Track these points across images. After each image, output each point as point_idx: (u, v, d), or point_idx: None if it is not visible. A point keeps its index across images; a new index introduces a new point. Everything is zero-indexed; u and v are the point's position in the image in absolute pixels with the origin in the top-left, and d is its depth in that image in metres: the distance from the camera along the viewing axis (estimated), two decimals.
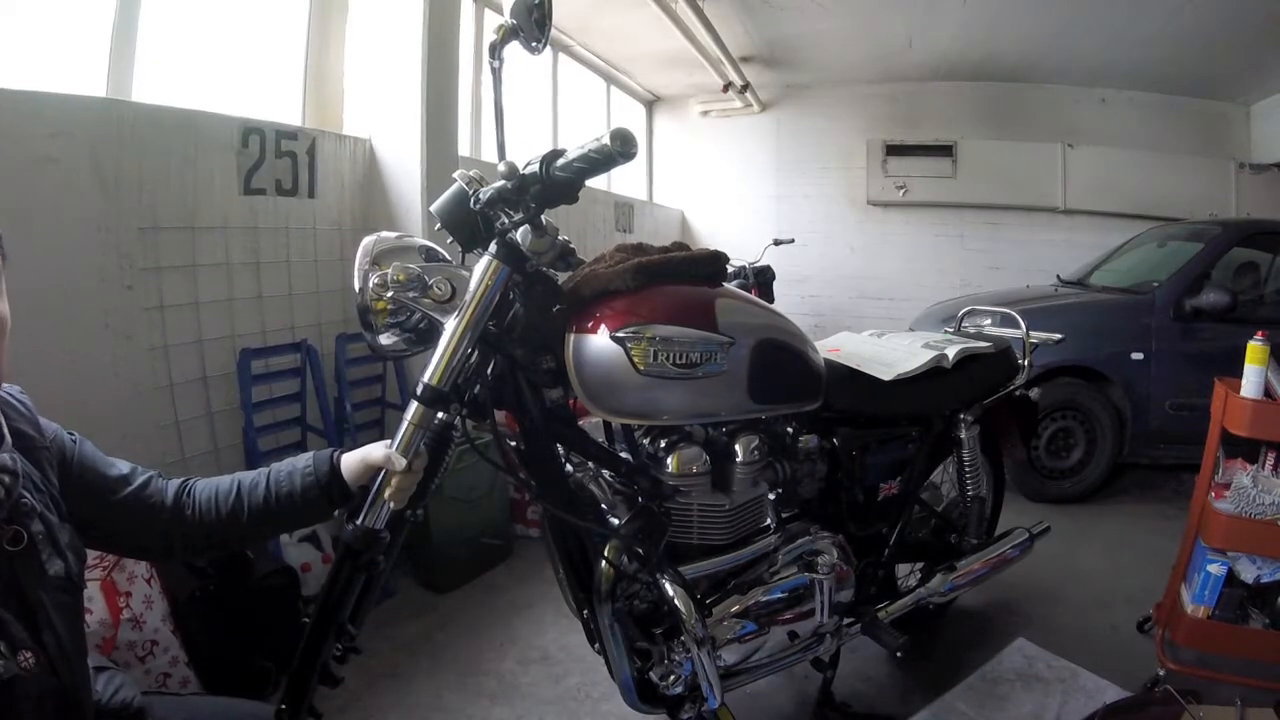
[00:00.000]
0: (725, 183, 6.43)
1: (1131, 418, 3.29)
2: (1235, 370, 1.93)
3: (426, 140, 2.76)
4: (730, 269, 3.59)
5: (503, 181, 1.10)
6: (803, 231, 5.64)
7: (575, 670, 2.04)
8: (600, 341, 1.24)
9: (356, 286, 1.17)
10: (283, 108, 2.74)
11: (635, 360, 1.23)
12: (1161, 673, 1.92)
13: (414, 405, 1.08)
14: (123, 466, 0.97)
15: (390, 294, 1.14)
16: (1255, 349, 1.80)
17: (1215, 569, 1.88)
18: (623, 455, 1.40)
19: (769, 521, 1.55)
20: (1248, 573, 1.86)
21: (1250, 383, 1.81)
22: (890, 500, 1.79)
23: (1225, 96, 5.11)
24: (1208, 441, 1.97)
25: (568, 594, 1.50)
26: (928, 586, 1.86)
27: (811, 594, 1.54)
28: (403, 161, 2.80)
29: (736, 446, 1.43)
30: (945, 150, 5.56)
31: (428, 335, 1.20)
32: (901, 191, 5.65)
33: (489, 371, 1.22)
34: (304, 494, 1.02)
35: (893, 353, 1.85)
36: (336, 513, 1.08)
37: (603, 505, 1.36)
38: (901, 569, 2.04)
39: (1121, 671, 2.01)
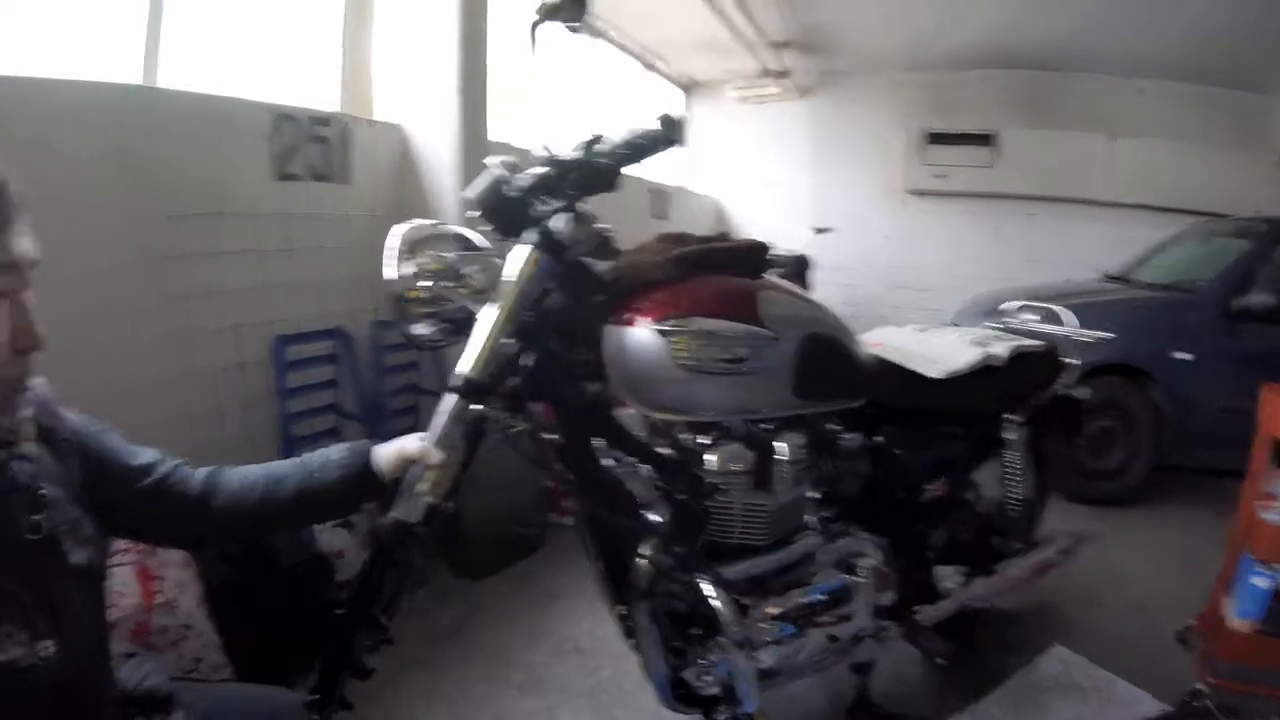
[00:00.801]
0: (761, 170, 6.33)
1: (1175, 419, 3.18)
2: None
3: (461, 125, 2.74)
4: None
5: (542, 168, 1.07)
6: (839, 220, 5.55)
7: (607, 662, 2.02)
8: (641, 334, 1.21)
9: (390, 275, 1.15)
10: (315, 94, 2.73)
11: (677, 354, 1.20)
12: (1200, 687, 1.86)
13: (449, 397, 1.05)
14: (146, 455, 0.95)
15: (425, 283, 1.12)
16: None
17: (1261, 582, 1.81)
18: (662, 451, 1.37)
19: (810, 521, 1.51)
20: None
21: None
22: (934, 501, 1.74)
23: (1267, 89, 4.90)
24: (1255, 450, 1.89)
25: (603, 589, 1.48)
26: (969, 591, 1.81)
27: (851, 597, 1.50)
28: (436, 147, 2.78)
29: (779, 444, 1.39)
30: (985, 140, 5.41)
31: (464, 325, 1.17)
32: (941, 181, 5.51)
33: (526, 363, 1.19)
34: (336, 486, 1.00)
35: (938, 348, 1.79)
36: (368, 506, 1.07)
37: (641, 502, 1.33)
38: (940, 570, 1.99)
39: (1158, 681, 1.95)
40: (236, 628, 1.74)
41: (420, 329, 1.18)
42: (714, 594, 1.26)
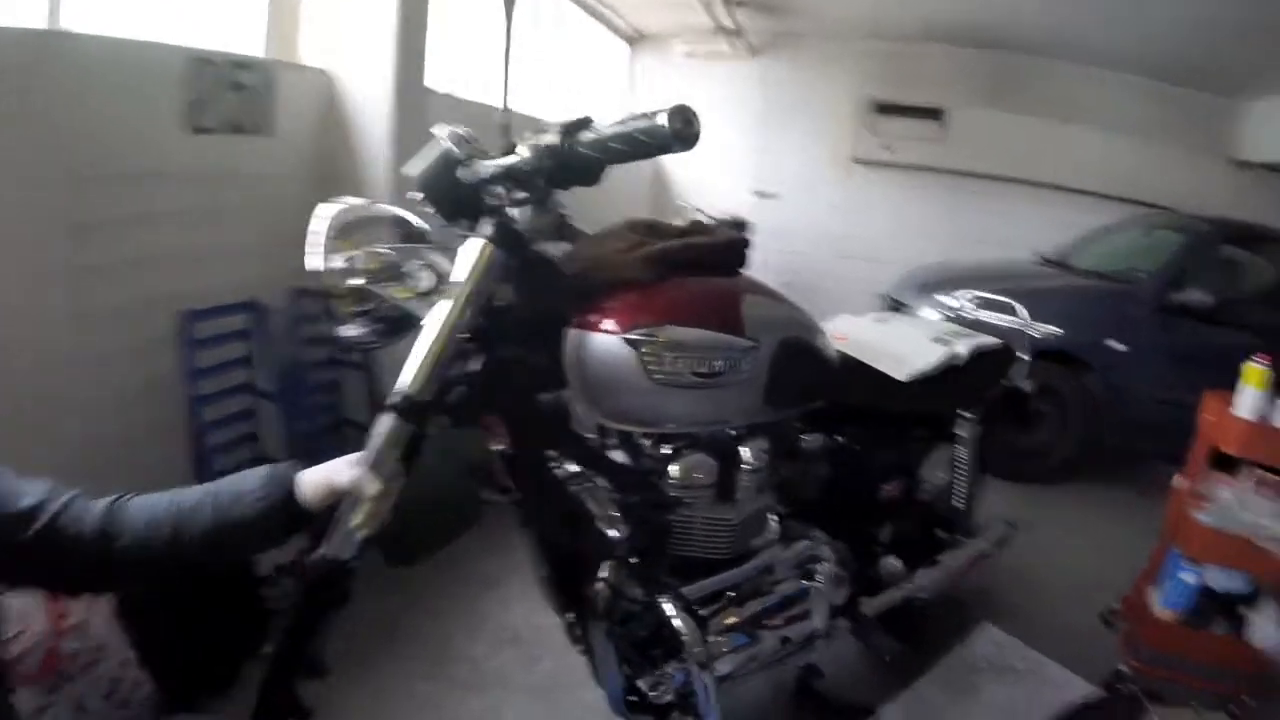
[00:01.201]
0: (706, 130, 6.12)
1: (1108, 406, 3.27)
2: (1214, 370, 1.94)
3: (396, 73, 2.49)
4: (706, 219, 3.42)
5: (514, 159, 0.93)
6: (784, 186, 5.46)
7: (548, 654, 1.96)
8: (608, 342, 1.10)
9: (315, 266, 1.00)
10: (237, 37, 2.42)
11: (648, 365, 1.10)
12: (1124, 669, 1.96)
13: (388, 418, 0.92)
14: (34, 493, 0.81)
15: (359, 282, 0.98)
16: (1254, 372, 1.80)
17: (1188, 578, 1.92)
18: (620, 462, 1.28)
19: (770, 528, 1.46)
20: (1215, 582, 1.90)
21: (1245, 405, 1.80)
22: (889, 500, 1.73)
23: (1222, 91, 5.01)
24: (1193, 453, 1.97)
25: (549, 594, 1.41)
26: (913, 582, 1.82)
27: (808, 600, 1.48)
28: (368, 96, 2.52)
29: (743, 451, 1.32)
30: (935, 114, 5.38)
31: (400, 324, 1.03)
32: (888, 152, 5.49)
33: (474, 370, 1.07)
34: (256, 521, 0.87)
35: (901, 344, 1.76)
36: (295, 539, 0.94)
37: (598, 518, 1.24)
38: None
39: (1083, 660, 2.04)
40: (153, 639, 1.60)
41: (351, 330, 1.04)
42: (677, 615, 1.20)
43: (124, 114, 1.87)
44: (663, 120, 0.79)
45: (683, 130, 0.80)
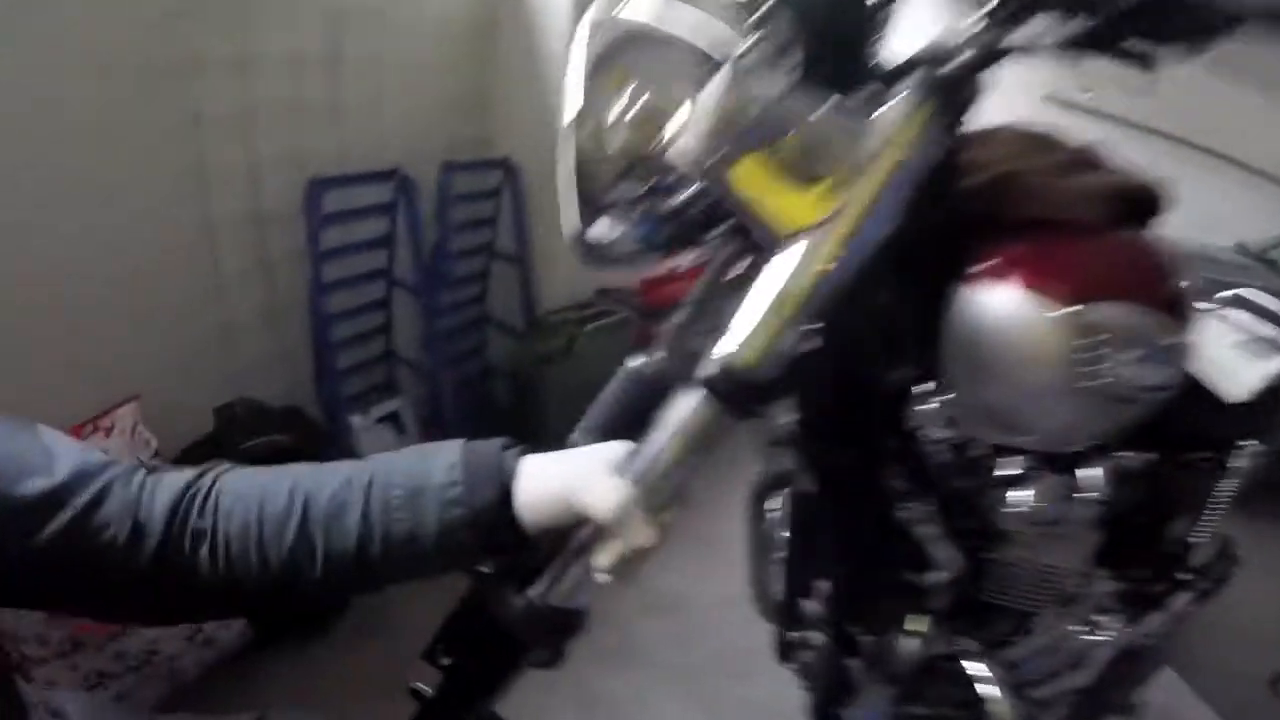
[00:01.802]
0: None
1: None
2: None
3: None
4: None
5: None
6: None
7: (712, 631, 1.71)
8: (1025, 313, 0.74)
9: (574, 110, 0.63)
10: None
11: (1074, 361, 0.74)
12: None
13: (692, 399, 0.54)
14: (58, 468, 0.48)
15: (710, 133, 0.56)
16: None
17: None
18: (961, 482, 0.94)
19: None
20: None
21: None
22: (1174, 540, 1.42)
23: None
24: None
25: (769, 604, 1.15)
26: (1138, 628, 1.54)
27: (1083, 660, 1.18)
28: None
29: (1093, 476, 0.97)
30: (1149, 61, 4.68)
31: (695, 225, 0.64)
32: (1088, 96, 4.82)
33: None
34: (442, 537, 0.52)
35: (1216, 350, 1.39)
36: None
37: (919, 550, 0.92)
38: None
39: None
40: None
41: (608, 228, 0.65)
42: (1000, 688, 0.91)
43: None
44: None
45: None
